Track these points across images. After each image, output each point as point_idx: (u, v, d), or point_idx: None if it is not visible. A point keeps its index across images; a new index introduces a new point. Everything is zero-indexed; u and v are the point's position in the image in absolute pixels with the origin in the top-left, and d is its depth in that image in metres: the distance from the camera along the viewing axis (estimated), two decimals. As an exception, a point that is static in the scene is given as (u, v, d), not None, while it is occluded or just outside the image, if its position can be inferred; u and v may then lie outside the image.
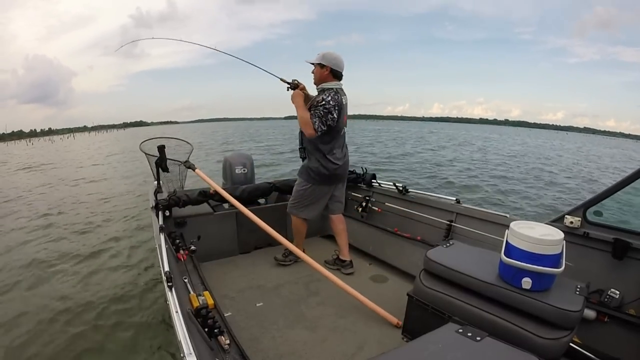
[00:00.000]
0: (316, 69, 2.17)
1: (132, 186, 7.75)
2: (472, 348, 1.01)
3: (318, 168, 2.24)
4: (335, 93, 2.12)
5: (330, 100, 2.07)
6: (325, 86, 2.15)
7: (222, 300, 2.00)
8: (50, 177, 10.23)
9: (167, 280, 1.26)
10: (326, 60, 2.12)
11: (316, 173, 2.26)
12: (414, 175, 10.00)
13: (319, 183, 2.29)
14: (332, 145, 2.21)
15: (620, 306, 1.56)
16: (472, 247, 1.73)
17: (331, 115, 2.07)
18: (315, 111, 2.08)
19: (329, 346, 1.68)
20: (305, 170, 2.31)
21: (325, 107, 2.06)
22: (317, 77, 2.18)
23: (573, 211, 1.76)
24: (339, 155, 2.27)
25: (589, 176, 11.33)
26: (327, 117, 2.06)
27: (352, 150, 2.47)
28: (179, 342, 0.97)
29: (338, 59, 2.15)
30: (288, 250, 2.51)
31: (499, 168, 12.13)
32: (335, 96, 2.10)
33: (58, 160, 15.70)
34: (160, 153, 2.31)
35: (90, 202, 6.32)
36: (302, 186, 2.33)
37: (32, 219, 5.17)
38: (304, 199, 2.35)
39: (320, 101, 2.08)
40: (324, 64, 2.12)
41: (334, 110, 2.07)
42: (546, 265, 1.23)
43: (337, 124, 2.13)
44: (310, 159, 2.26)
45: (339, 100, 2.12)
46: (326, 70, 2.13)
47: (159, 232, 1.71)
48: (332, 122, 2.09)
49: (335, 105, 2.08)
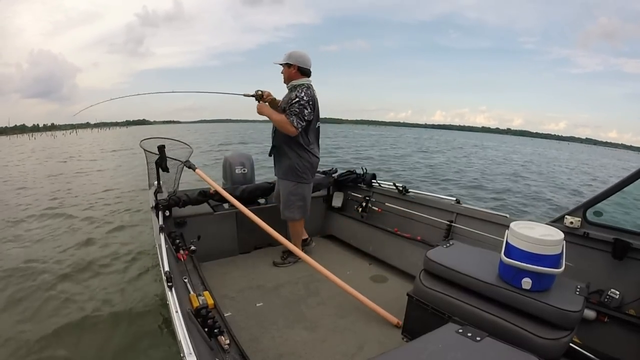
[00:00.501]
0: (284, 69, 2.24)
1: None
2: (472, 348, 1.01)
3: (304, 165, 2.28)
4: (307, 88, 2.19)
5: (304, 95, 2.13)
6: (295, 83, 2.22)
7: (222, 300, 1.99)
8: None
9: (167, 280, 1.26)
10: (292, 59, 2.19)
11: (303, 171, 2.29)
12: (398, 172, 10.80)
13: (307, 181, 2.34)
14: (310, 139, 2.27)
15: (620, 306, 1.56)
16: (472, 247, 1.73)
17: (307, 110, 2.13)
18: (292, 109, 2.13)
19: (329, 346, 1.68)
20: (291, 171, 2.30)
21: (300, 103, 2.12)
22: (286, 76, 2.25)
23: (573, 211, 1.76)
24: (317, 149, 2.35)
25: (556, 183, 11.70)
26: (303, 112, 2.13)
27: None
28: (179, 342, 0.97)
29: (304, 57, 2.21)
30: (286, 252, 2.53)
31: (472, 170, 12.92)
32: (308, 91, 2.17)
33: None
34: (161, 153, 2.31)
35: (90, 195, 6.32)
36: (292, 187, 2.34)
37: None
38: (297, 199, 2.36)
39: (294, 98, 2.13)
40: (291, 63, 2.19)
41: (308, 105, 2.14)
42: (546, 266, 1.23)
43: (312, 119, 2.20)
44: (291, 157, 2.28)
45: (312, 94, 2.18)
46: (294, 69, 2.20)
47: (159, 232, 1.71)
48: (310, 117, 2.16)
49: (309, 100, 2.14)
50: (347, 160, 13.50)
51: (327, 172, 3.25)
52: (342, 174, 3.19)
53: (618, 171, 17.95)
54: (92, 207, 5.70)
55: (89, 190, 7.12)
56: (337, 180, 3.14)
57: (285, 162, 2.30)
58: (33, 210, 5.45)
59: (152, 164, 2.40)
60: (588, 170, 18.20)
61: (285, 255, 2.55)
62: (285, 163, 2.31)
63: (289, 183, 2.33)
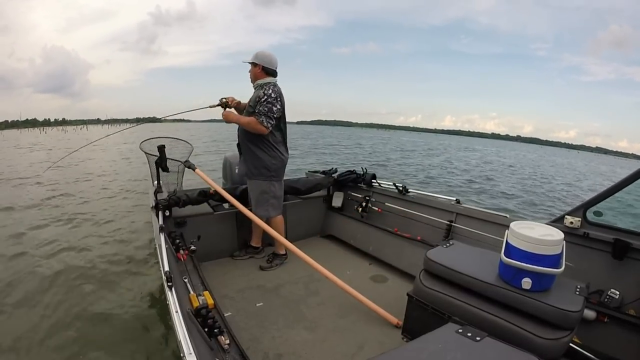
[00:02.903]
0: (251, 68, 2.27)
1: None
2: (472, 348, 1.01)
3: (275, 163, 2.30)
4: (274, 85, 2.22)
5: (271, 92, 2.15)
6: (260, 82, 2.24)
7: (222, 300, 2.00)
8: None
9: (167, 280, 1.26)
10: (258, 59, 2.23)
11: (274, 169, 2.32)
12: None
13: (278, 179, 2.37)
14: (276, 138, 2.29)
15: (620, 306, 1.56)
16: (472, 247, 1.73)
17: (275, 107, 2.16)
18: (260, 108, 2.14)
19: (329, 346, 1.68)
20: (263, 169, 2.31)
21: (268, 100, 2.13)
22: (252, 75, 2.28)
23: (573, 211, 1.76)
24: (285, 147, 2.37)
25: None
26: (272, 110, 2.15)
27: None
28: (179, 342, 0.97)
29: (270, 57, 2.25)
30: (271, 255, 2.55)
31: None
32: (275, 88, 2.20)
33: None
34: (160, 153, 2.31)
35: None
36: (265, 185, 2.34)
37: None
38: (270, 197, 2.37)
39: (262, 96, 2.15)
40: (256, 62, 2.22)
41: (276, 102, 2.16)
42: (546, 266, 1.23)
43: (281, 117, 2.23)
44: (261, 156, 2.28)
45: (279, 91, 2.21)
46: (259, 68, 2.23)
47: (159, 232, 1.71)
48: (278, 113, 2.19)
49: (276, 97, 2.16)
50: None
51: (327, 172, 3.25)
52: (342, 173, 3.19)
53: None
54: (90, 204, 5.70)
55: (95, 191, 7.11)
56: (337, 180, 3.14)
57: (256, 161, 2.31)
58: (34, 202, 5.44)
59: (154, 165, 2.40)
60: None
61: (271, 258, 2.54)
62: (255, 163, 2.31)
63: (260, 182, 2.34)
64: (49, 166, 4.37)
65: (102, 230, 4.45)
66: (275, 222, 2.42)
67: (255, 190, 2.37)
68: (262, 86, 2.21)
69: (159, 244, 1.59)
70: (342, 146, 23.96)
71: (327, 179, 3.10)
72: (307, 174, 3.45)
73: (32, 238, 4.06)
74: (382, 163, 15.52)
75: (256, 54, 2.24)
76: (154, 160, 2.37)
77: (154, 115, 13.13)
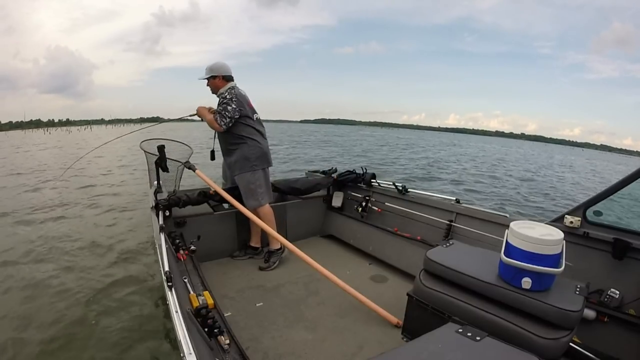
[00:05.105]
0: (210, 82, 2.40)
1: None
2: (472, 348, 1.01)
3: (254, 152, 2.39)
4: (231, 88, 2.36)
5: (227, 94, 2.30)
6: (222, 91, 2.37)
7: (222, 300, 1.99)
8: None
9: (167, 280, 1.26)
10: (215, 71, 2.37)
11: (255, 158, 2.39)
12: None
13: (260, 167, 2.43)
14: (250, 130, 2.39)
15: (620, 306, 1.56)
16: (472, 247, 1.72)
17: (230, 106, 2.28)
18: (217, 109, 2.33)
19: (329, 346, 1.68)
20: (245, 162, 2.39)
21: (223, 102, 2.29)
22: (214, 87, 2.41)
23: (573, 211, 1.76)
24: (261, 138, 2.46)
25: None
26: (226, 109, 2.28)
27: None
28: (179, 342, 0.97)
29: (224, 66, 2.40)
30: (267, 254, 2.55)
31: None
32: (232, 90, 2.34)
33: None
34: (160, 153, 2.31)
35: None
36: (250, 176, 2.41)
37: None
38: (257, 186, 2.42)
39: (221, 101, 2.32)
40: (215, 74, 2.37)
41: (231, 102, 2.28)
42: (546, 265, 1.23)
43: (243, 111, 2.33)
44: (241, 149, 2.38)
45: (235, 92, 2.33)
46: (219, 79, 2.38)
47: (159, 232, 1.71)
48: (233, 112, 2.28)
49: (232, 97, 2.29)
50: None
51: (327, 171, 3.25)
52: (341, 173, 3.19)
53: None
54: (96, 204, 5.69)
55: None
56: (337, 180, 3.14)
57: (236, 156, 2.40)
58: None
59: (152, 164, 2.40)
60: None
61: (267, 257, 2.54)
62: (236, 158, 2.41)
63: (244, 175, 2.41)
64: (77, 159, 4.46)
65: (102, 230, 4.45)
66: (263, 212, 2.44)
67: (241, 184, 2.43)
68: (222, 93, 2.36)
69: (159, 244, 1.59)
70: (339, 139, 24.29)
71: (327, 179, 3.11)
72: (307, 174, 3.46)
73: (28, 235, 4.06)
74: (362, 154, 16.20)
75: (210, 67, 2.37)
76: (154, 159, 2.36)
77: (158, 115, 13.23)
